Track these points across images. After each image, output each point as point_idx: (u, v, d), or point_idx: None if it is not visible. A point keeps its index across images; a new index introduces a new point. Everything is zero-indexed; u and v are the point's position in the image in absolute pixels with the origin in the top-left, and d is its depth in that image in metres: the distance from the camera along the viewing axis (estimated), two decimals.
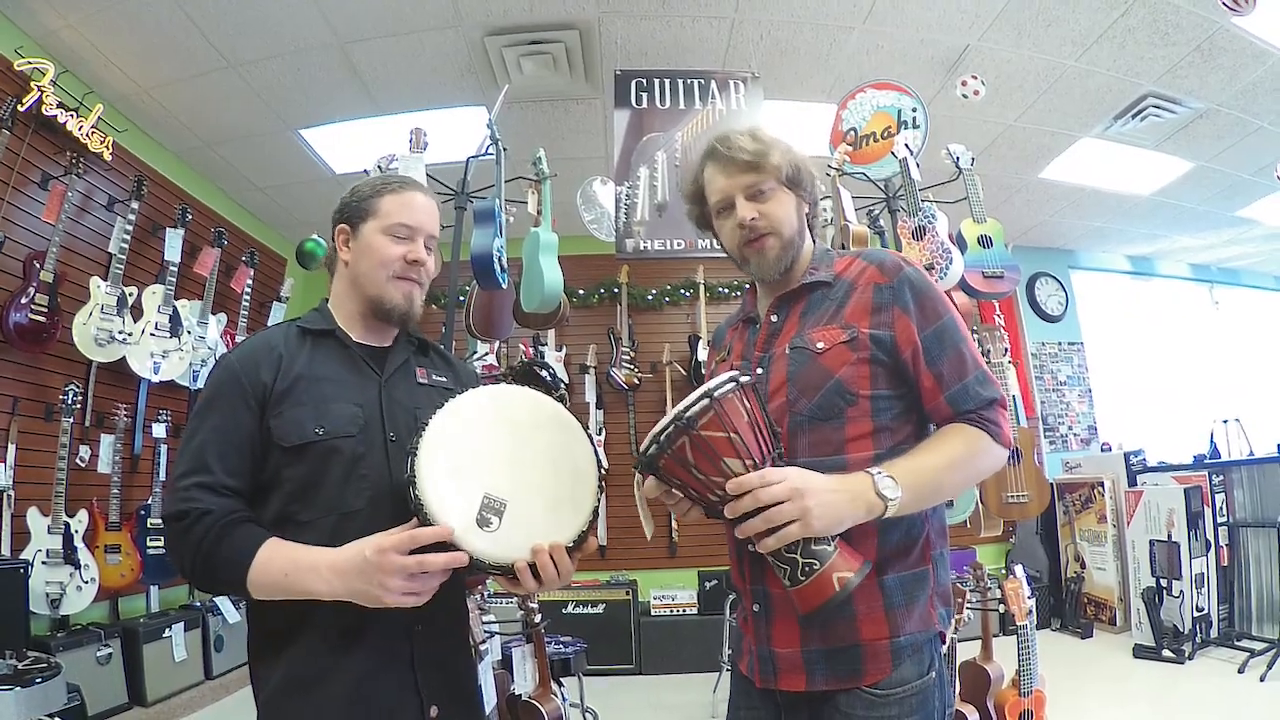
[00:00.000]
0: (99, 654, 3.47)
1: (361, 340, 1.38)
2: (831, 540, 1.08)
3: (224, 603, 4.37)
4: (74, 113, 3.70)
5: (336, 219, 1.40)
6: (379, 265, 1.34)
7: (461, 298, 2.86)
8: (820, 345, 1.24)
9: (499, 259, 2.46)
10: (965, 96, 3.79)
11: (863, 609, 1.17)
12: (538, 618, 2.47)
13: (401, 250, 1.34)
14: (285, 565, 1.13)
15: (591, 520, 1.21)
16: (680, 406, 1.06)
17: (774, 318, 1.35)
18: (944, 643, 1.26)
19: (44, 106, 3.52)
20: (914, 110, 3.03)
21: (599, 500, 1.24)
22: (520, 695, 2.48)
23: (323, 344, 1.34)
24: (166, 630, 3.89)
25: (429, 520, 1.10)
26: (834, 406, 1.21)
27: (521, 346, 5.03)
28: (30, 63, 3.48)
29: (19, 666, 2.56)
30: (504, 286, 2.55)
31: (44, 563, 3.36)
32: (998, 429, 1.20)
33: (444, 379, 1.43)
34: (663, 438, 1.06)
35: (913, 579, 1.20)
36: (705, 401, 1.04)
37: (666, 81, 3.53)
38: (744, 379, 1.08)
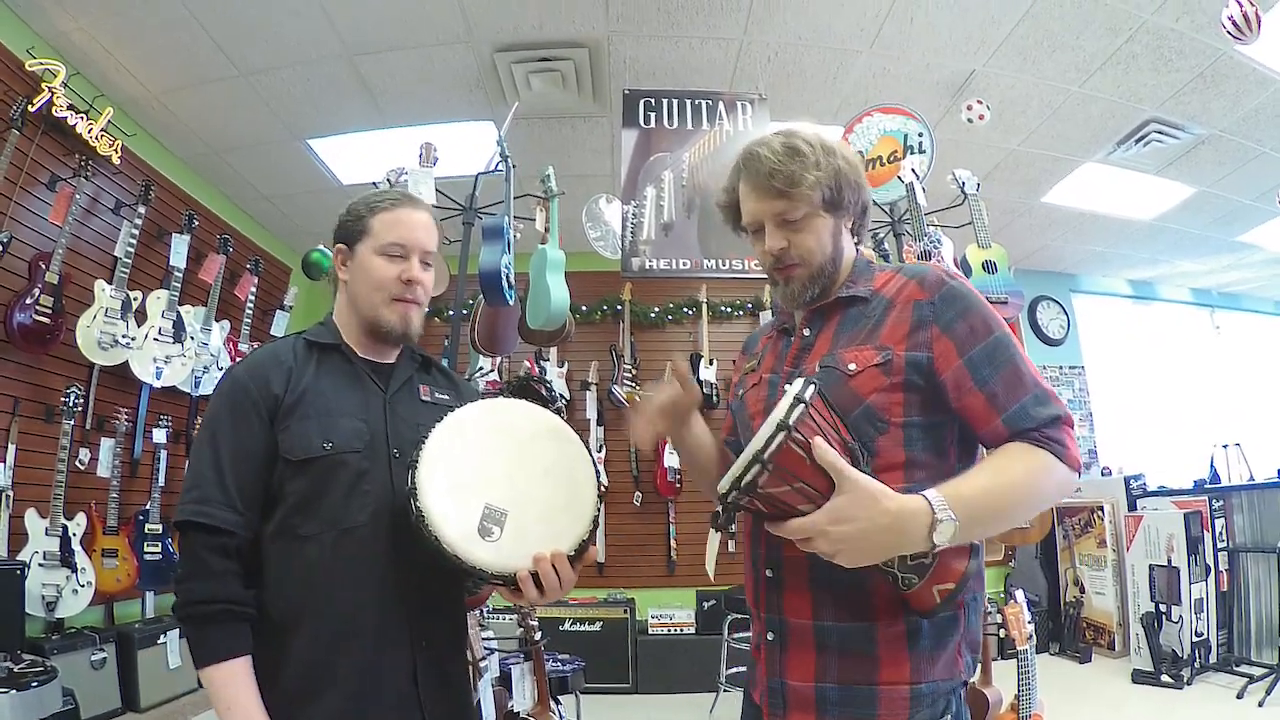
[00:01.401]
0: (93, 658, 3.45)
1: (366, 356, 1.39)
2: (930, 554, 1.01)
3: None
4: (84, 115, 3.71)
5: (335, 237, 1.41)
6: (374, 288, 1.34)
7: (465, 311, 2.87)
8: (852, 367, 1.15)
9: (507, 276, 2.47)
10: (970, 121, 3.83)
11: (885, 651, 1.09)
12: (537, 635, 2.47)
13: (396, 270, 1.34)
14: (230, 700, 1.13)
15: (591, 529, 1.22)
16: (737, 469, 0.97)
17: (806, 332, 1.27)
18: (965, 689, 1.18)
19: (54, 108, 3.52)
20: (920, 135, 3.06)
21: (599, 509, 1.25)
22: (519, 713, 2.47)
23: (328, 358, 1.35)
24: (161, 636, 3.86)
25: (430, 531, 1.12)
26: (863, 434, 1.11)
27: (526, 363, 5.07)
28: (42, 64, 3.49)
29: (15, 669, 2.55)
30: (511, 303, 2.56)
31: (41, 565, 3.34)
32: (1063, 448, 1.07)
33: (446, 396, 1.43)
34: (729, 499, 0.99)
35: (944, 623, 1.11)
36: (757, 467, 0.95)
37: (674, 102, 3.55)
38: (794, 416, 0.95)
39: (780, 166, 1.19)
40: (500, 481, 1.20)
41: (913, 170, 2.82)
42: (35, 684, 2.49)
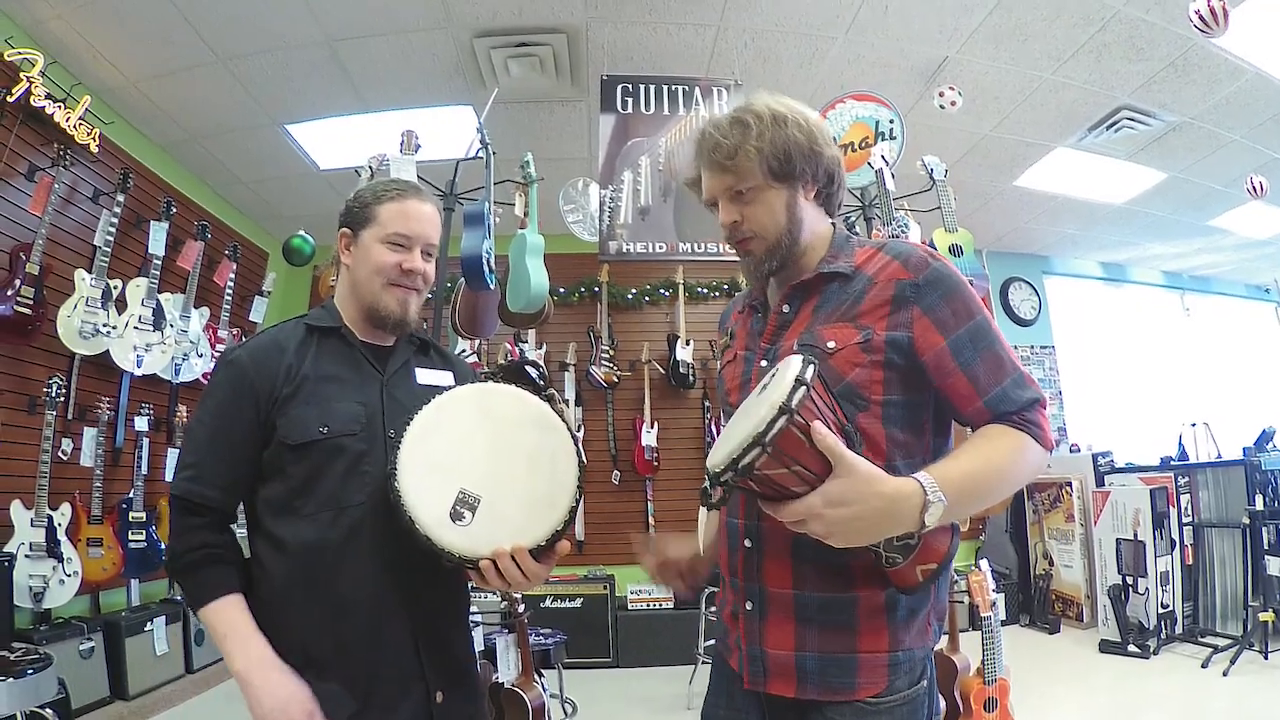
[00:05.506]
0: (81, 647, 3.46)
1: (366, 339, 1.42)
2: (916, 534, 1.02)
3: None
4: (61, 104, 3.68)
5: (340, 222, 1.44)
6: (374, 272, 1.37)
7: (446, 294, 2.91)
8: (831, 345, 1.14)
9: (488, 261, 2.51)
10: (943, 107, 3.90)
11: (865, 622, 1.11)
12: (520, 607, 2.53)
13: (397, 259, 1.37)
14: (227, 627, 1.21)
15: (568, 520, 1.22)
16: (736, 450, 0.95)
17: (785, 308, 1.24)
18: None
19: (32, 97, 3.49)
20: (891, 122, 3.12)
21: (577, 501, 1.24)
22: (504, 684, 2.54)
23: (328, 342, 1.39)
24: (148, 624, 3.89)
25: (405, 510, 1.16)
26: (845, 412, 1.09)
27: (507, 346, 5.09)
28: (20, 53, 3.46)
29: (10, 658, 2.55)
30: (492, 288, 2.61)
31: (27, 556, 3.35)
32: (1039, 430, 1.10)
33: (443, 378, 1.47)
34: (724, 480, 0.98)
35: (918, 595, 1.13)
36: (757, 450, 0.93)
37: (652, 87, 3.60)
38: (796, 399, 0.93)
39: (722, 141, 1.19)
40: (479, 467, 1.22)
41: (882, 157, 2.88)
42: (31, 671, 2.47)
